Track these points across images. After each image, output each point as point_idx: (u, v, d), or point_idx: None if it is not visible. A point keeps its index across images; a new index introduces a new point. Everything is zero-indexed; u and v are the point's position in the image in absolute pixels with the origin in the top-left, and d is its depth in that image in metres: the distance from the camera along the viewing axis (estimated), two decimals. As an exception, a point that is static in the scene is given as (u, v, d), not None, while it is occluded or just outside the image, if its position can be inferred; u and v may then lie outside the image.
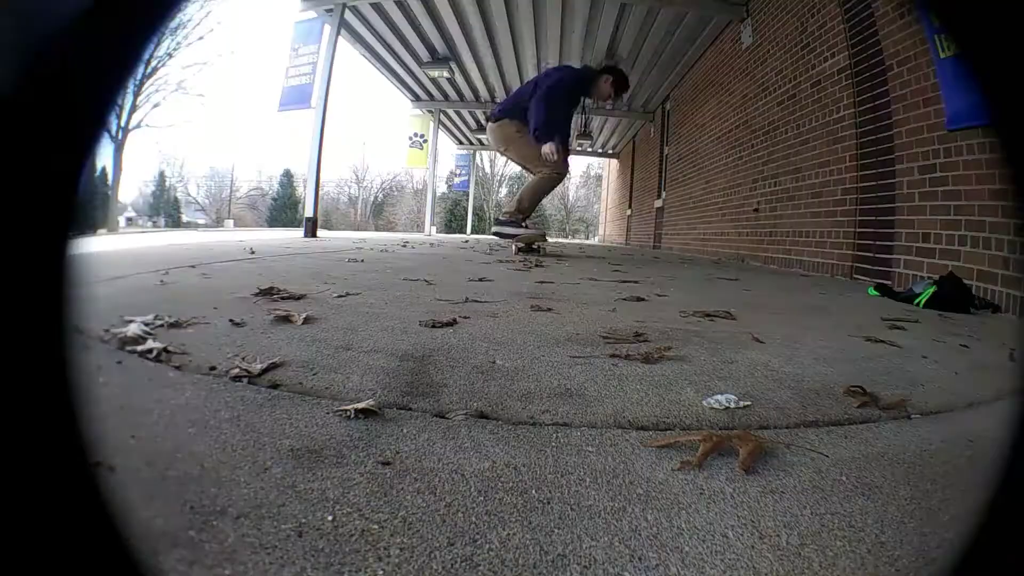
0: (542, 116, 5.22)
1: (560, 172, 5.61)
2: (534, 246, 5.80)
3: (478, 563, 0.59)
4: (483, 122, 16.80)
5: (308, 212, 7.56)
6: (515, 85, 12.47)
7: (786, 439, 0.96)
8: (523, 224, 5.69)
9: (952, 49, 3.19)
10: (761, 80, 6.71)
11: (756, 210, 6.70)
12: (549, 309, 2.07)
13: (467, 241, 9.61)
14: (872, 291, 3.42)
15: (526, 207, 5.68)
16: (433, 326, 1.64)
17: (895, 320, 2.26)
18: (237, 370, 1.10)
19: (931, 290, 2.89)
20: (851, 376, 1.35)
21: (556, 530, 0.66)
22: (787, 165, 5.90)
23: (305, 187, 8.29)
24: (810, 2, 5.48)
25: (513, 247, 5.69)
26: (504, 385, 1.15)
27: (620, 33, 8.99)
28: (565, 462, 0.83)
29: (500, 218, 5.84)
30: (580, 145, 18.02)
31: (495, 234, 5.89)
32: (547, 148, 5.21)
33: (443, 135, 17.73)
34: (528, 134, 5.36)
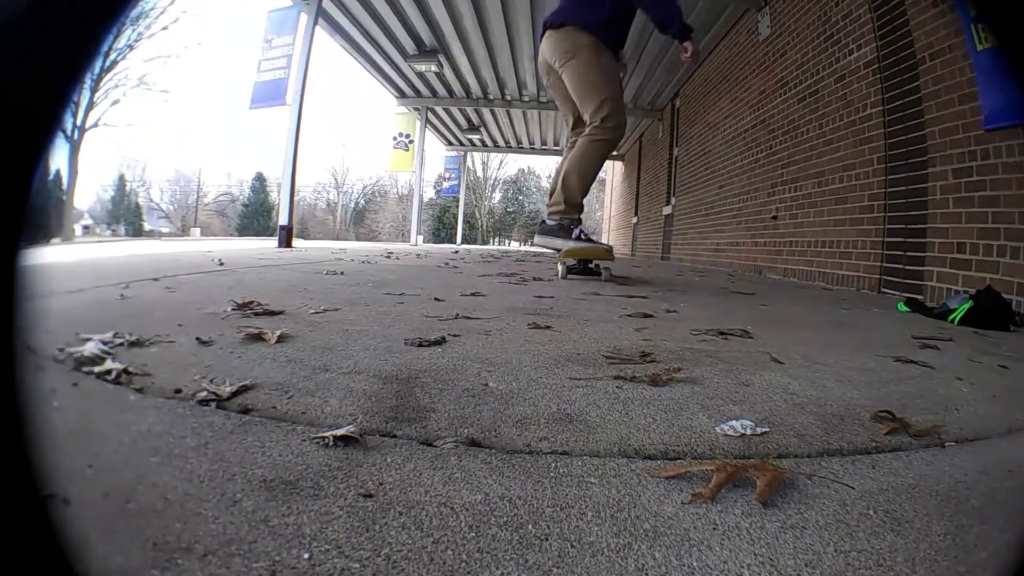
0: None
1: (621, 122, 4.18)
2: (592, 264, 4.49)
3: (469, 605, 0.59)
4: (474, 122, 16.94)
5: (282, 220, 7.58)
6: (510, 80, 12.57)
7: (808, 469, 0.96)
8: (580, 231, 4.31)
9: (990, 40, 3.22)
10: (780, 75, 6.77)
11: (775, 217, 6.73)
12: (548, 327, 2.08)
13: (457, 251, 9.63)
14: (902, 306, 3.43)
15: (579, 199, 4.32)
16: (420, 345, 1.64)
17: (927, 338, 2.27)
18: (204, 393, 1.10)
19: (967, 305, 2.90)
20: (879, 400, 1.36)
21: (555, 569, 0.66)
22: (808, 168, 5.93)
23: (279, 192, 8.31)
24: (833, -11, 5.52)
25: (559, 266, 4.42)
26: (498, 410, 1.15)
27: (625, 23, 9.03)
28: (565, 494, 0.84)
29: (547, 221, 4.43)
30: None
31: (541, 245, 4.53)
32: (690, 47, 4.05)
33: (431, 135, 17.80)
34: (603, 50, 4.13)
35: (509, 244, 50.64)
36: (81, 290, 2.20)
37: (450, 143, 20.23)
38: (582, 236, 4.28)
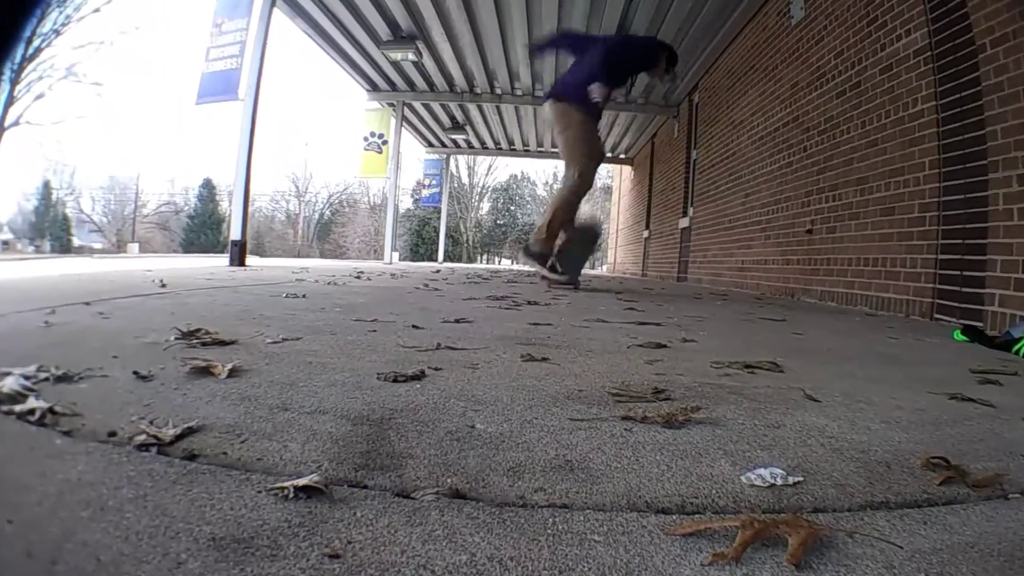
0: (601, 69, 6.11)
1: (588, 181, 6.40)
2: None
3: None
4: (458, 119, 17.02)
5: (234, 234, 7.58)
6: (500, 71, 12.64)
7: (848, 525, 0.97)
8: (552, 262, 6.34)
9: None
10: (816, 64, 6.82)
11: (810, 231, 6.76)
12: (545, 359, 2.08)
13: (439, 271, 9.63)
14: (959, 335, 3.44)
15: (556, 229, 6.32)
16: (395, 380, 1.65)
17: (988, 372, 2.28)
18: (144, 436, 1.10)
19: (1033, 334, 2.92)
20: (932, 444, 1.37)
21: (553, 641, 0.66)
22: (849, 173, 5.96)
23: (230, 202, 8.31)
24: (879, -36, 5.55)
25: (544, 281, 6.45)
26: (486, 456, 1.16)
27: (635, 4, 9.11)
28: (564, 555, 0.84)
29: (531, 246, 6.48)
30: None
31: (524, 263, 6.71)
32: (595, 88, 6.05)
33: (408, 135, 17.86)
34: (591, 126, 6.32)
35: (499, 262, 50.60)
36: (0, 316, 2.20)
37: (431, 144, 20.28)
38: (555, 268, 6.32)
